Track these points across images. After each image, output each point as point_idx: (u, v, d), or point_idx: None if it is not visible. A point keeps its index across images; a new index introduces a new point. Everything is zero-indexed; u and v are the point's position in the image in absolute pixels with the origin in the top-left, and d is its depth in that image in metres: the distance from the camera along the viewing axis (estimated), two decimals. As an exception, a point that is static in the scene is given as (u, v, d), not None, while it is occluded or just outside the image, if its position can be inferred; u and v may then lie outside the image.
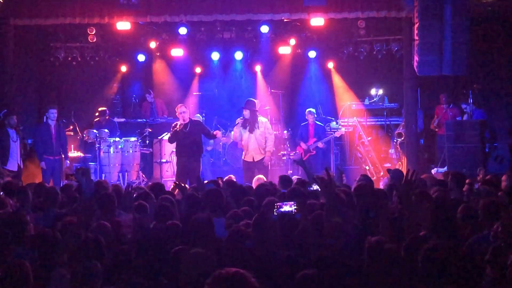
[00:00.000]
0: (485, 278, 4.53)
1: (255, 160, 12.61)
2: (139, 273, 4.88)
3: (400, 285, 4.60)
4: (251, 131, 12.54)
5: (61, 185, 10.95)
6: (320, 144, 14.50)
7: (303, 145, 14.44)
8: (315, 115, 14.68)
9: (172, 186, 9.45)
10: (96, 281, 4.75)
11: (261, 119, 12.81)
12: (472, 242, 5.77)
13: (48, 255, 5.28)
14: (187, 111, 12.51)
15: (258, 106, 13.37)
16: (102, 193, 7.37)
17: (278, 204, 5.81)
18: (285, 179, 9.38)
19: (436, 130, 14.41)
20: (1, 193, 8.31)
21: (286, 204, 5.74)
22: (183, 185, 8.81)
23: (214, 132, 12.78)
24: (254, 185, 9.32)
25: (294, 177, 11.45)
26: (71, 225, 6.01)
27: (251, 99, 13.10)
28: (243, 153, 12.83)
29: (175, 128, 12.27)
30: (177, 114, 12.45)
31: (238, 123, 12.75)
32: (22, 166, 12.83)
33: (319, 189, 7.17)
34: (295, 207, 5.70)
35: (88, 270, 4.76)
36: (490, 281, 4.27)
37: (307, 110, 14.64)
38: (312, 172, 9.35)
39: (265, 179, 9.83)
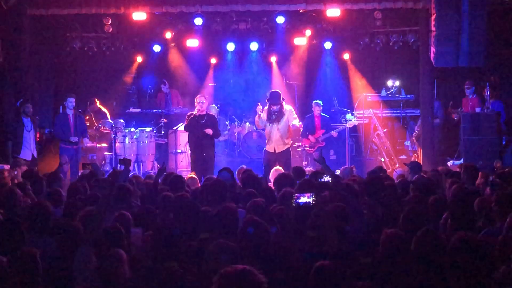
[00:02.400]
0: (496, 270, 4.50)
1: (277, 151, 12.21)
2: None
3: (413, 276, 4.58)
4: (277, 121, 12.13)
5: (79, 174, 11.00)
6: (334, 133, 14.44)
7: (311, 138, 14.37)
8: (321, 107, 14.58)
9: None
10: (123, 268, 4.76)
11: (286, 106, 12.39)
12: (484, 235, 5.74)
13: (69, 245, 5.29)
14: (206, 103, 12.52)
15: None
16: (117, 183, 7.38)
17: (296, 195, 5.79)
18: (298, 170, 9.36)
19: (456, 119, 14.25)
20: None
21: (303, 195, 5.72)
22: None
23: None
24: (272, 177, 9.31)
25: (308, 169, 11.45)
26: (91, 215, 6.02)
27: (276, 90, 12.77)
28: (266, 142, 12.44)
29: (191, 116, 12.24)
30: (196, 103, 12.35)
31: (259, 113, 12.24)
32: (36, 156, 12.87)
33: (330, 181, 7.16)
34: (313, 198, 5.68)
35: (115, 257, 4.78)
36: (501, 273, 4.25)
37: (314, 101, 14.58)
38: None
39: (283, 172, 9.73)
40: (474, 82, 14.14)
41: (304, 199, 5.68)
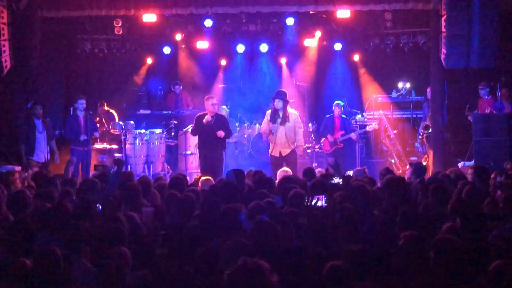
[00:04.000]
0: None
1: (283, 154, 12.15)
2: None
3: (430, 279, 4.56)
4: (282, 123, 12.05)
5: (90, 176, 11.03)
6: (353, 136, 14.39)
7: (329, 138, 14.31)
8: (342, 108, 14.57)
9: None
10: (125, 267, 4.77)
11: (292, 111, 12.38)
12: (495, 235, 5.73)
13: (73, 244, 5.31)
14: (217, 104, 12.51)
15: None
16: (127, 184, 7.41)
17: (308, 197, 5.79)
18: (309, 172, 9.36)
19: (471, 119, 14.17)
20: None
21: (316, 198, 5.73)
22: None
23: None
24: (279, 177, 9.30)
25: (318, 170, 11.43)
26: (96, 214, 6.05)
27: (283, 89, 12.85)
28: (270, 147, 12.35)
29: (203, 120, 12.09)
30: (208, 104, 12.15)
31: (267, 115, 12.27)
32: (48, 157, 12.91)
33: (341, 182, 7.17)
34: (325, 200, 5.68)
35: (118, 256, 4.78)
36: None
37: (336, 102, 14.50)
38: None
39: (291, 173, 9.71)
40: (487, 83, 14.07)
41: (317, 201, 5.68)
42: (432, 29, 13.57)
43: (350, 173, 10.18)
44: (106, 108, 15.39)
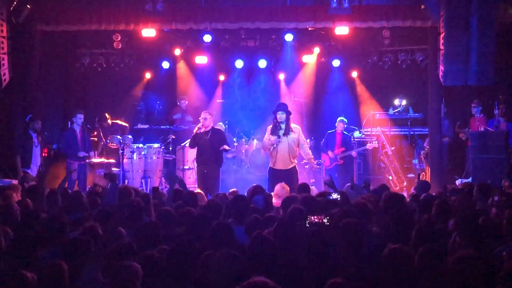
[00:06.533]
0: None
1: (283, 169, 11.68)
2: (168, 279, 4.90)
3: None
4: (285, 134, 11.60)
5: (86, 190, 11.01)
6: (354, 154, 14.40)
7: (330, 154, 14.27)
8: (346, 125, 14.54)
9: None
10: (136, 282, 4.74)
11: (294, 125, 12.02)
12: (497, 254, 5.72)
13: (77, 260, 5.30)
14: (209, 118, 12.28)
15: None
16: (127, 199, 7.39)
17: (310, 216, 5.77)
18: (303, 187, 9.32)
19: (464, 139, 14.21)
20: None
21: (317, 217, 5.71)
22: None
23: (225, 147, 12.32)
24: (276, 192, 9.27)
25: (312, 187, 11.35)
26: (94, 230, 6.02)
27: (283, 102, 12.76)
28: (271, 161, 11.87)
29: (195, 132, 12.19)
30: (201, 119, 12.26)
31: (268, 131, 11.94)
32: (42, 169, 12.83)
33: (339, 198, 7.16)
34: (327, 219, 5.66)
35: (129, 271, 4.76)
36: None
37: (339, 118, 14.44)
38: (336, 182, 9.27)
39: (288, 188, 9.65)
40: (483, 101, 14.13)
41: (318, 220, 5.66)
42: (430, 47, 13.63)
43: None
44: (109, 121, 15.38)
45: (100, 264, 5.19)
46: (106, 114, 15.48)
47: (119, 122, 15.67)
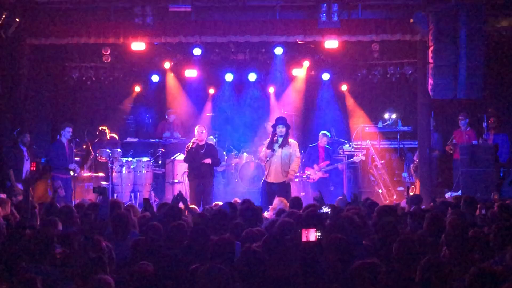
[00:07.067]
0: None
1: (276, 182, 11.86)
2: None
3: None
4: (281, 146, 11.77)
5: (74, 204, 10.93)
6: (340, 166, 14.43)
7: (316, 167, 14.30)
8: (329, 138, 14.60)
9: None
10: None
11: (292, 140, 12.19)
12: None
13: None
14: (205, 132, 12.63)
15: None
16: (115, 212, 7.35)
17: (302, 230, 5.75)
18: (296, 201, 9.31)
19: (451, 152, 14.25)
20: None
21: (309, 231, 5.68)
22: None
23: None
24: (274, 206, 9.30)
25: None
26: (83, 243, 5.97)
27: (281, 116, 12.80)
28: (265, 173, 12.08)
29: (190, 146, 12.34)
30: (198, 132, 12.49)
31: (265, 143, 12.10)
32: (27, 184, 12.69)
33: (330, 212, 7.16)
34: (319, 233, 5.64)
35: (101, 284, 4.72)
36: None
37: (322, 132, 14.55)
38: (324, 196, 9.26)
39: (286, 202, 9.63)
40: (472, 114, 14.18)
41: (311, 234, 5.63)
42: (419, 60, 13.67)
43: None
44: (109, 135, 15.33)
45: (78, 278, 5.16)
46: (105, 129, 15.38)
47: (114, 135, 15.60)
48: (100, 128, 15.39)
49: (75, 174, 13.51)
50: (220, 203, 9.89)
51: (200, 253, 5.86)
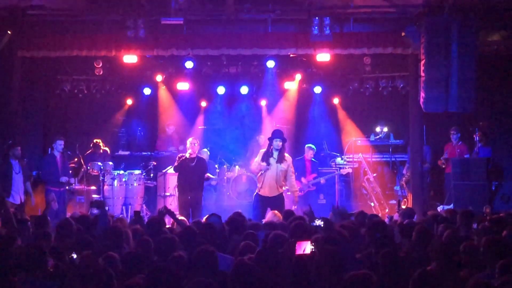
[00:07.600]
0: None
1: (270, 195, 11.71)
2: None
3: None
4: (278, 162, 11.64)
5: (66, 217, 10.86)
6: (322, 180, 14.49)
7: (303, 180, 14.35)
8: (315, 151, 14.66)
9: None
10: None
11: (287, 155, 12.02)
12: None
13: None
14: (197, 145, 12.67)
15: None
16: (108, 226, 7.33)
17: (294, 242, 5.73)
18: (288, 214, 9.28)
19: (443, 166, 14.27)
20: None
21: (303, 244, 5.66)
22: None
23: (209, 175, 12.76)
24: (268, 219, 9.27)
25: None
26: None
27: (278, 129, 12.73)
28: (258, 186, 11.92)
29: (182, 157, 12.37)
30: (188, 144, 12.52)
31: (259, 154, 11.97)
32: (23, 200, 12.64)
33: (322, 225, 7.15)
34: (312, 246, 5.62)
35: None
36: None
37: (307, 145, 14.67)
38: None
39: (280, 215, 9.57)
40: (464, 128, 14.23)
41: (305, 247, 5.61)
42: (410, 74, 13.71)
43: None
44: (103, 148, 15.30)
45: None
46: (100, 142, 15.33)
47: (107, 149, 15.55)
48: (94, 140, 15.34)
49: (73, 185, 13.49)
50: None
51: (188, 266, 5.83)
